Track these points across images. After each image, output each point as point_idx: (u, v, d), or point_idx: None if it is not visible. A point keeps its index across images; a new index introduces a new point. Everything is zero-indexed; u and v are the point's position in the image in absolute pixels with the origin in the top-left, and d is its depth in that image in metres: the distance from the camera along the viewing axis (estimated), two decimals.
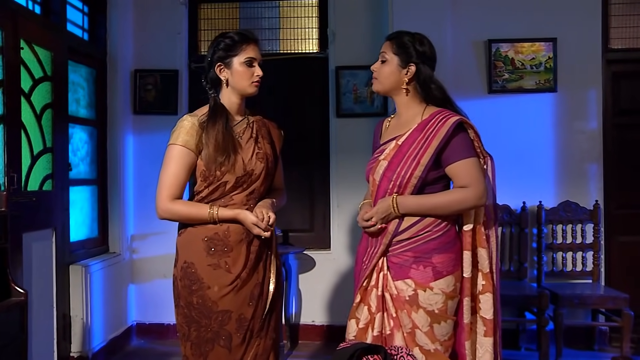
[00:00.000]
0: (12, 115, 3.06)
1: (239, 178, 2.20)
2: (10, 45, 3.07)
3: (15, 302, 2.19)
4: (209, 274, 2.17)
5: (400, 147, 2.16)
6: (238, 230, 2.18)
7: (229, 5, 4.71)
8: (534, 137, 4.27)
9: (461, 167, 2.12)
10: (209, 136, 2.17)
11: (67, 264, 3.64)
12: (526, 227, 4.19)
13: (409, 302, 2.11)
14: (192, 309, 2.18)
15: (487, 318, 2.19)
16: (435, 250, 2.12)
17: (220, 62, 2.25)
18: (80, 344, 3.68)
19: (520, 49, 4.27)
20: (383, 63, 2.24)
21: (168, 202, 2.18)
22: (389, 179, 2.15)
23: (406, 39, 2.24)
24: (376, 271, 2.18)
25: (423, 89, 2.23)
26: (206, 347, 2.18)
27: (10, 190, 3.01)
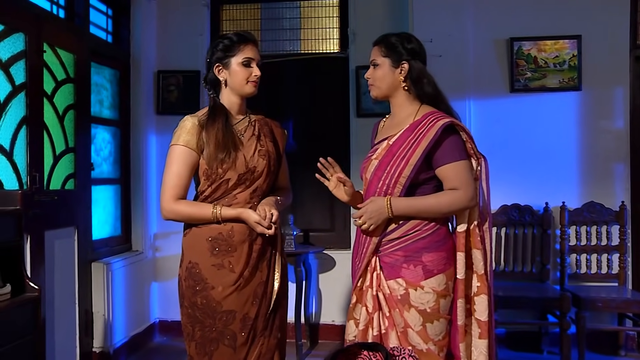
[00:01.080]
0: (34, 117, 3.15)
1: (241, 175, 2.21)
2: (33, 49, 3.15)
3: (30, 298, 2.25)
4: (213, 274, 2.19)
5: (391, 147, 2.17)
6: (242, 230, 2.19)
7: (251, 6, 4.75)
8: (557, 137, 4.19)
9: (451, 169, 2.13)
10: (209, 134, 2.20)
11: (90, 261, 3.72)
12: (549, 228, 4.12)
13: (401, 302, 2.12)
14: (196, 309, 2.20)
15: (482, 320, 2.19)
16: (425, 249, 2.13)
17: (218, 62, 2.27)
18: (102, 339, 3.76)
19: (543, 47, 4.20)
20: (375, 68, 2.24)
21: (172, 202, 2.20)
22: (379, 178, 2.17)
23: (393, 40, 2.25)
24: (370, 271, 2.19)
25: (416, 85, 2.23)
26: (211, 347, 2.20)
27: (32, 189, 3.11)
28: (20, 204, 2.28)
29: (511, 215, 4.16)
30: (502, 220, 4.16)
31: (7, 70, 2.99)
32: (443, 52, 4.16)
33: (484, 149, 4.10)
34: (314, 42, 4.69)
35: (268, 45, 4.76)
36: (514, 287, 3.99)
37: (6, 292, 2.16)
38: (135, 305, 4.16)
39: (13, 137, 3.01)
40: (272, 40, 4.75)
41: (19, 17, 3.07)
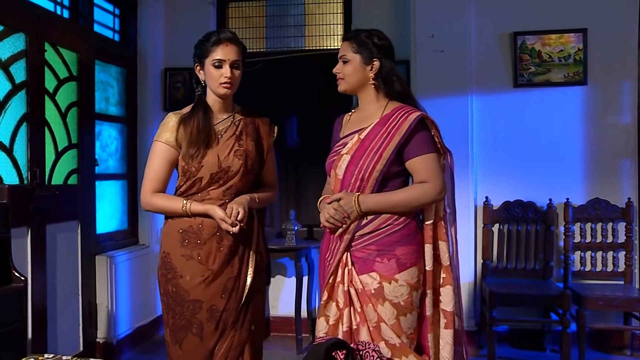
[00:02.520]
0: (35, 114, 3.26)
1: (213, 174, 2.25)
2: (34, 48, 3.26)
3: (16, 288, 2.34)
4: (182, 264, 2.25)
5: (363, 141, 2.18)
6: (211, 225, 2.24)
7: (256, 3, 4.80)
8: (562, 132, 4.13)
9: (420, 162, 2.15)
10: (185, 130, 2.26)
11: (93, 254, 3.83)
12: (552, 225, 4.06)
13: (375, 295, 2.12)
14: (168, 296, 2.28)
15: (447, 310, 2.21)
16: (397, 242, 2.14)
17: (197, 63, 2.33)
18: (105, 330, 3.87)
19: (547, 41, 4.13)
20: (345, 64, 2.25)
21: (149, 195, 2.30)
22: (352, 172, 2.17)
23: (364, 36, 2.25)
24: (341, 267, 2.19)
25: (385, 83, 2.24)
26: (181, 334, 2.26)
27: (32, 184, 3.22)
28: (7, 198, 2.36)
29: (514, 211, 4.11)
30: (504, 216, 4.13)
31: (7, 69, 3.10)
32: (445, 47, 4.14)
33: (486, 144, 4.15)
34: (318, 39, 4.71)
35: (273, 41, 4.81)
36: (516, 284, 3.96)
37: None
38: (140, 298, 4.25)
39: (13, 133, 3.12)
40: (277, 37, 4.79)
41: (19, 17, 3.18)
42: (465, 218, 4.11)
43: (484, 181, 4.20)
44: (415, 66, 4.22)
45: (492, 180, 4.19)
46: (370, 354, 1.97)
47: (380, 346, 2.10)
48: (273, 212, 4.74)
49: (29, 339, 3.15)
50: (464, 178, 4.10)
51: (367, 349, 1.99)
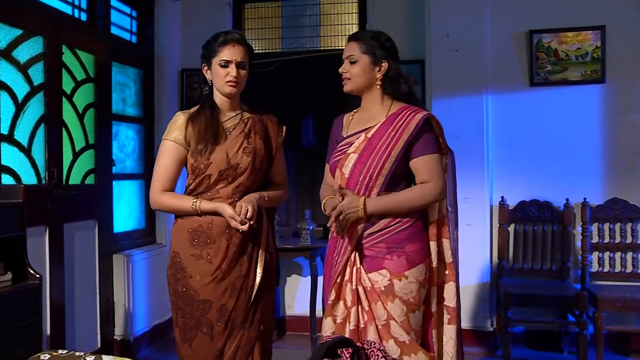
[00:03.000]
0: (52, 115, 3.32)
1: (222, 171, 2.27)
2: (51, 51, 3.33)
3: (31, 285, 2.40)
4: (191, 264, 2.27)
5: (370, 140, 2.19)
6: (221, 223, 2.25)
7: (272, 4, 4.83)
8: (579, 131, 4.08)
9: (424, 161, 2.18)
10: (193, 128, 2.29)
11: (111, 253, 3.90)
12: (569, 225, 4.01)
13: (385, 293, 2.13)
14: (178, 296, 2.30)
15: (450, 306, 2.26)
16: (406, 240, 2.17)
17: (204, 62, 2.36)
18: (122, 328, 3.93)
19: (564, 39, 4.09)
20: (353, 64, 2.25)
21: (158, 194, 2.31)
22: (360, 171, 2.18)
23: (372, 37, 2.27)
24: (349, 266, 2.20)
25: (392, 85, 2.26)
26: (191, 334, 2.28)
27: (50, 184, 3.29)
28: (22, 197, 2.42)
29: (530, 211, 4.08)
30: (520, 216, 4.09)
31: (26, 71, 3.17)
32: (460, 46, 4.12)
33: (502, 143, 4.13)
34: (334, 39, 4.72)
35: (288, 42, 4.83)
36: (532, 284, 3.92)
37: (7, 280, 2.32)
38: (157, 296, 4.31)
39: (31, 134, 3.19)
40: (293, 37, 4.82)
41: (37, 21, 3.25)
42: (481, 218, 4.09)
43: (500, 181, 4.17)
44: (430, 66, 4.21)
45: (507, 179, 4.15)
46: (375, 352, 1.98)
47: (390, 344, 2.10)
48: (289, 211, 4.77)
49: (47, 335, 3.23)
50: (479, 178, 4.09)
51: (372, 347, 2.00)
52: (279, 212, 4.66)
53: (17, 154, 3.10)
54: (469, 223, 4.08)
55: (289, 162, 4.71)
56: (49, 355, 2.24)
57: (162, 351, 4.14)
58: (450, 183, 2.33)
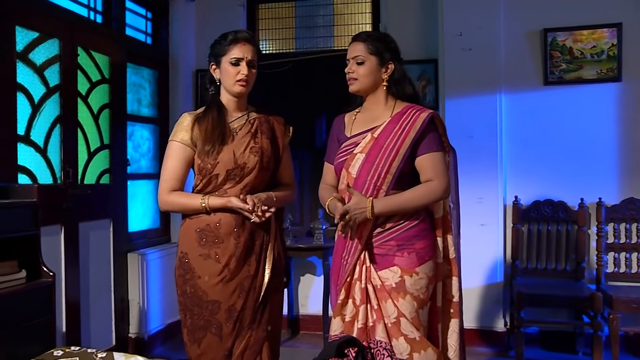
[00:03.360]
0: (68, 116, 3.38)
1: (229, 171, 2.27)
2: (67, 53, 3.38)
3: (44, 283, 2.44)
4: (200, 264, 2.27)
5: (377, 139, 2.20)
6: (229, 223, 2.26)
7: (285, 4, 4.85)
8: (594, 130, 4.03)
9: (429, 159, 2.21)
10: (200, 128, 2.29)
11: (125, 252, 3.95)
12: (584, 225, 3.98)
13: (396, 290, 2.15)
14: (186, 297, 2.30)
15: (454, 301, 2.31)
16: (416, 237, 2.19)
17: (213, 62, 2.37)
18: (137, 326, 3.98)
19: (579, 37, 4.04)
20: (359, 65, 2.25)
21: (166, 194, 2.31)
22: (368, 170, 2.19)
23: (379, 38, 2.29)
24: (359, 264, 2.21)
25: (397, 86, 2.28)
26: (199, 334, 2.28)
27: (65, 184, 3.34)
28: (36, 196, 2.47)
29: (544, 211, 4.04)
30: (534, 216, 4.06)
31: (42, 73, 3.23)
32: (473, 45, 4.11)
33: (515, 143, 4.11)
34: (347, 39, 4.69)
35: (302, 42, 4.85)
36: (545, 284, 3.90)
37: (21, 277, 2.37)
38: (171, 295, 4.30)
39: (47, 135, 3.25)
40: (306, 37, 4.83)
41: (53, 24, 3.30)
42: (494, 217, 4.07)
43: (514, 180, 4.14)
44: (443, 65, 4.19)
45: (521, 179, 4.13)
46: (381, 352, 1.98)
47: (400, 342, 2.11)
48: (302, 211, 4.79)
49: (63, 332, 3.28)
50: (493, 177, 4.07)
51: (378, 347, 2.01)
52: (293, 211, 4.68)
53: (33, 154, 3.16)
54: (483, 223, 4.07)
55: (303, 162, 4.79)
56: (62, 352, 2.29)
57: (176, 349, 4.18)
58: (452, 180, 2.36)
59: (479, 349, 4.07)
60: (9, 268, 2.34)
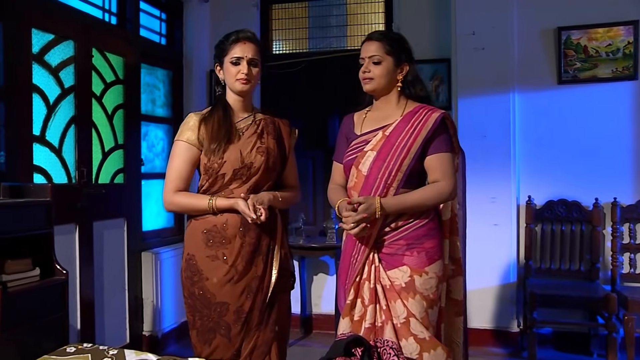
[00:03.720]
0: (82, 116, 3.43)
1: (236, 170, 2.26)
2: (82, 54, 3.43)
3: (58, 281, 2.49)
4: (207, 266, 2.26)
5: (389, 137, 2.20)
6: (235, 223, 2.25)
7: (299, 4, 4.87)
8: (609, 129, 3.99)
9: (438, 160, 2.20)
10: (206, 128, 2.29)
11: (139, 250, 3.99)
12: (599, 225, 3.94)
13: (405, 289, 2.14)
14: (194, 299, 2.30)
15: (458, 299, 2.35)
16: (425, 236, 2.19)
17: (217, 62, 2.38)
18: (151, 324, 4.02)
19: (594, 35, 4.00)
20: (376, 64, 2.24)
21: (171, 194, 2.30)
22: (379, 168, 2.18)
23: (395, 39, 2.28)
24: (368, 264, 2.21)
25: (410, 87, 2.28)
26: (209, 336, 2.28)
27: (80, 183, 3.39)
28: (50, 196, 2.51)
29: (557, 211, 4.01)
30: (547, 216, 4.03)
31: (57, 74, 3.28)
32: (486, 44, 4.09)
33: (529, 142, 4.08)
34: (360, 39, 4.71)
35: (315, 42, 4.87)
36: (559, 285, 3.87)
37: (35, 275, 2.41)
38: None
39: (62, 135, 3.30)
40: (319, 37, 4.85)
41: (68, 26, 3.35)
42: (507, 217, 4.04)
43: (527, 180, 4.12)
44: (456, 64, 4.18)
45: (535, 179, 4.10)
46: (387, 351, 1.98)
47: (409, 342, 2.10)
48: (316, 210, 4.81)
49: (78, 330, 3.33)
50: (506, 177, 4.05)
51: (384, 346, 2.00)
52: (306, 211, 4.70)
53: (48, 154, 3.21)
54: (496, 223, 4.05)
55: (316, 161, 4.81)
56: (75, 348, 2.32)
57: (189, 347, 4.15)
58: (459, 182, 2.38)
59: (492, 349, 4.05)
60: (23, 266, 2.38)
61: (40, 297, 2.41)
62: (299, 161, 4.72)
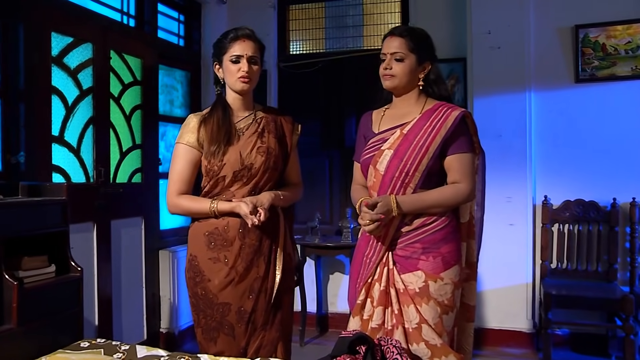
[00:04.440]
0: (100, 117, 3.50)
1: (236, 172, 2.27)
2: (100, 56, 3.50)
3: (73, 277, 2.55)
4: (209, 267, 2.29)
5: (407, 135, 2.15)
6: (236, 225, 2.27)
7: (315, 5, 4.89)
8: (628, 128, 3.94)
9: (457, 160, 2.16)
10: (206, 130, 2.29)
11: (157, 249, 4.06)
12: (617, 225, 3.88)
13: (419, 295, 2.10)
14: (198, 299, 2.33)
15: (470, 305, 2.28)
16: (442, 240, 2.14)
17: (216, 61, 2.36)
18: (168, 321, 4.09)
19: (612, 33, 3.95)
20: (398, 61, 2.18)
21: (174, 197, 2.32)
22: (396, 166, 2.14)
23: (419, 36, 2.21)
24: (380, 266, 2.18)
25: (433, 87, 2.23)
26: (214, 334, 2.31)
27: (98, 182, 3.46)
28: (66, 195, 2.58)
29: (574, 211, 3.97)
30: (564, 216, 3.99)
31: (75, 76, 3.35)
32: (502, 43, 4.07)
33: (545, 141, 4.05)
34: (377, 38, 4.74)
35: (332, 42, 4.89)
36: (576, 286, 3.82)
37: (51, 271, 2.47)
38: None
39: (80, 135, 3.37)
40: (336, 37, 4.87)
41: (86, 29, 3.42)
42: (523, 217, 4.02)
43: (543, 180, 4.08)
44: (471, 64, 4.16)
45: (551, 178, 4.06)
46: (390, 349, 1.99)
47: (420, 347, 2.09)
48: (332, 210, 4.84)
49: (95, 326, 3.41)
50: (522, 176, 4.02)
51: (388, 344, 2.01)
52: (322, 210, 4.73)
53: (66, 154, 3.29)
54: (512, 223, 4.03)
55: (333, 161, 4.83)
56: (89, 343, 2.39)
57: None
58: (479, 183, 2.31)
59: (507, 350, 4.03)
60: (39, 262, 2.45)
61: (56, 293, 2.47)
62: (316, 160, 4.81)
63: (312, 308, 4.58)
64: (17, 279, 2.29)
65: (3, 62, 2.95)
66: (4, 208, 2.33)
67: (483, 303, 4.11)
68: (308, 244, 4.39)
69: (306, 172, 4.91)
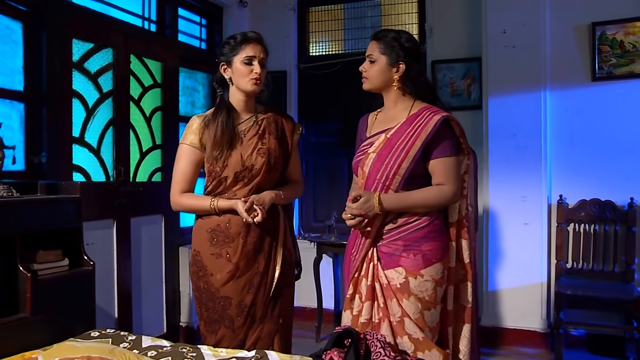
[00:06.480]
0: (120, 118, 3.66)
1: (237, 173, 2.36)
2: (120, 61, 3.66)
3: (85, 271, 2.70)
4: (212, 263, 2.39)
5: (389, 140, 2.22)
6: (238, 222, 2.35)
7: (334, 7, 4.97)
8: None
9: (440, 164, 2.21)
10: (209, 133, 2.38)
11: (177, 245, 4.20)
12: (634, 225, 3.82)
13: (400, 290, 2.18)
14: (200, 292, 2.44)
15: (466, 306, 2.30)
16: (424, 238, 2.20)
17: (223, 62, 2.41)
18: (187, 315, 4.22)
19: (631, 30, 3.89)
20: (372, 63, 2.29)
21: (177, 195, 2.43)
22: (378, 169, 2.21)
23: (392, 38, 2.28)
24: (366, 262, 2.26)
25: (413, 86, 2.28)
26: (215, 326, 2.42)
27: (118, 181, 3.62)
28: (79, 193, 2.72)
29: (590, 210, 3.92)
30: (580, 216, 3.95)
31: (96, 80, 3.52)
32: (517, 42, 4.05)
33: (561, 140, 4.02)
34: None
35: (351, 44, 4.95)
36: (591, 286, 3.78)
37: (64, 265, 2.62)
38: None
39: (100, 136, 3.54)
40: (355, 38, 4.93)
41: (107, 35, 3.59)
42: (538, 216, 3.99)
43: (559, 179, 4.05)
44: (486, 63, 4.16)
45: (567, 178, 4.02)
46: (375, 343, 2.05)
47: (404, 340, 2.17)
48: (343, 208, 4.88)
49: (115, 318, 3.57)
50: (537, 175, 4.00)
51: (373, 338, 2.07)
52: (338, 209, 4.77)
53: (87, 154, 3.45)
54: (526, 222, 4.02)
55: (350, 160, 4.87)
56: (99, 333, 2.53)
57: None
58: (471, 183, 2.35)
59: (522, 349, 4.01)
60: (53, 256, 2.60)
61: (69, 285, 2.62)
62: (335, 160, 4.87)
63: (329, 305, 4.65)
64: (31, 271, 2.44)
65: (27, 68, 3.13)
66: (21, 205, 2.49)
67: (498, 302, 4.10)
68: (325, 241, 4.46)
69: (325, 172, 5.05)
